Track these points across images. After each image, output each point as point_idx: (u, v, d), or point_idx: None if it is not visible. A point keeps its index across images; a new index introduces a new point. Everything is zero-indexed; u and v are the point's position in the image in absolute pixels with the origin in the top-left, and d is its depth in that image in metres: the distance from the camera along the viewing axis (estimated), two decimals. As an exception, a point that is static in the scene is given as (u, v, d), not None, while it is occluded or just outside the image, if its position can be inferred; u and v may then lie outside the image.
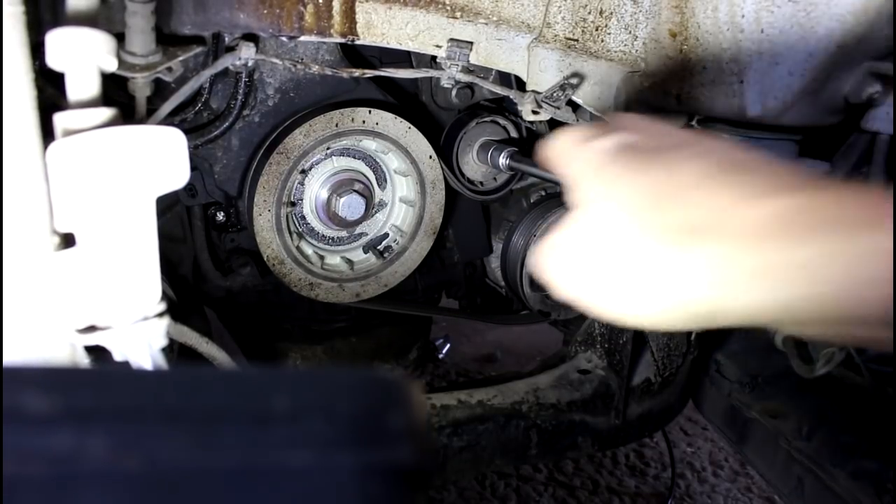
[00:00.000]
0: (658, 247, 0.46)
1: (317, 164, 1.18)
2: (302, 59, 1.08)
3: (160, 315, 0.64)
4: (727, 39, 0.90)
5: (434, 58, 1.07)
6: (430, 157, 1.21)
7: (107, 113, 0.63)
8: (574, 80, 1.03)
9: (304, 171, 1.16)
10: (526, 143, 1.30)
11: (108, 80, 0.70)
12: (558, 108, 1.00)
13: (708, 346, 1.38)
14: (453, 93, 1.23)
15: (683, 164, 0.49)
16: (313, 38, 0.99)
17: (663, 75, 1.01)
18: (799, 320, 0.43)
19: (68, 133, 0.61)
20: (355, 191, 1.18)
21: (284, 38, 1.03)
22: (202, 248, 1.20)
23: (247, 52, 0.97)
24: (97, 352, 0.64)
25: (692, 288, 0.45)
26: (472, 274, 1.44)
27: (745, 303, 0.44)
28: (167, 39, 0.90)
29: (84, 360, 0.64)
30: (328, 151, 1.18)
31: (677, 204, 0.46)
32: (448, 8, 1.00)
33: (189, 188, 1.13)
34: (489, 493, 1.93)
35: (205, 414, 0.30)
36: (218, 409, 0.31)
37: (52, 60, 0.63)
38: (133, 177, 0.60)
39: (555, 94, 1.01)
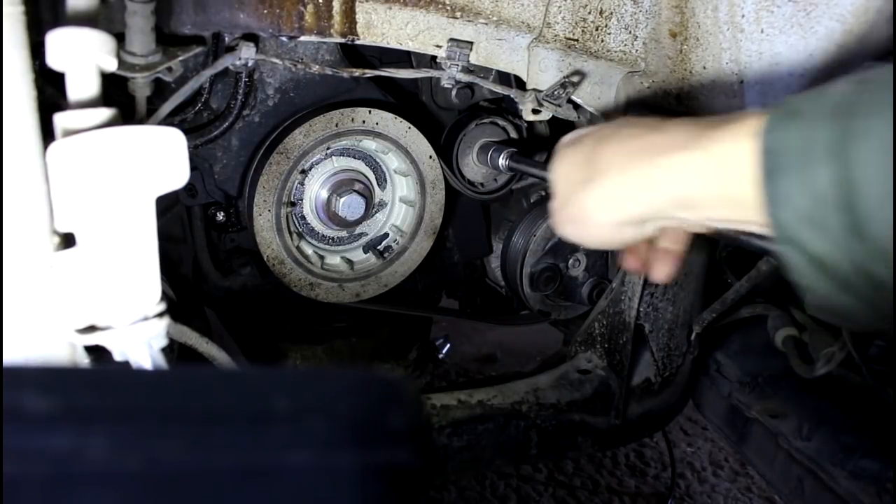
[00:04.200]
0: (578, 192, 0.72)
1: (317, 164, 1.18)
2: (302, 59, 1.08)
3: (160, 315, 0.64)
4: (727, 39, 0.90)
5: (434, 58, 1.07)
6: (430, 157, 1.21)
7: (107, 113, 0.63)
8: (575, 78, 1.03)
9: (304, 171, 1.16)
10: (526, 143, 1.29)
11: (108, 80, 0.70)
12: (559, 105, 1.00)
13: (708, 346, 1.38)
14: (453, 93, 1.23)
15: (592, 135, 0.75)
16: (313, 38, 0.99)
17: (663, 75, 1.01)
18: (677, 207, 0.64)
19: (68, 133, 0.61)
20: (355, 191, 1.18)
21: (284, 38, 1.03)
22: (202, 248, 1.19)
23: (247, 52, 0.97)
24: (97, 352, 0.64)
25: (607, 210, 0.70)
26: (472, 274, 1.44)
27: (643, 205, 0.67)
28: (167, 39, 0.90)
29: (84, 360, 0.64)
30: (328, 151, 1.17)
31: (586, 164, 0.72)
32: (448, 8, 1.00)
33: (189, 188, 1.13)
34: (489, 493, 1.93)
35: (205, 414, 0.30)
36: (218, 409, 0.31)
37: (52, 60, 0.63)
38: (133, 177, 0.60)
39: (556, 92, 1.01)
